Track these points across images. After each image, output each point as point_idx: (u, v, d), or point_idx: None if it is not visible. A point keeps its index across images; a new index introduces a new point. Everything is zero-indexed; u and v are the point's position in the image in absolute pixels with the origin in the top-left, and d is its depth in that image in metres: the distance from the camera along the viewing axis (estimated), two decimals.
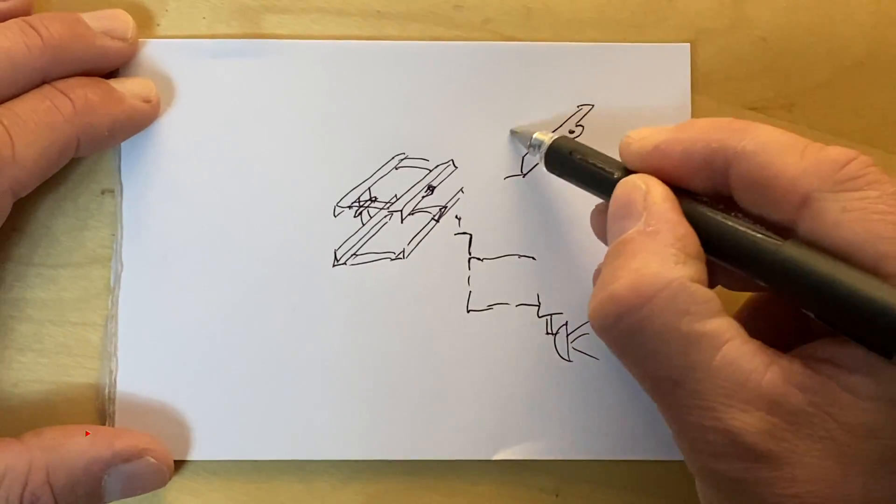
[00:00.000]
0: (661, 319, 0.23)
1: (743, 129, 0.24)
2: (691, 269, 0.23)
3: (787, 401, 0.22)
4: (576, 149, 0.28)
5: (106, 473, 0.28)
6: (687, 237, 0.24)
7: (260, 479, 0.31)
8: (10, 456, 0.27)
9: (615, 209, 0.25)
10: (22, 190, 0.28)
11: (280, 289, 0.31)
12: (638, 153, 0.26)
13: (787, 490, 0.22)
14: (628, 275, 0.23)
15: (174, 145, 0.31)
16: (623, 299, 0.23)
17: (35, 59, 0.28)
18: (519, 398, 0.31)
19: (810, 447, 0.22)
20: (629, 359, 0.24)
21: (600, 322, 0.24)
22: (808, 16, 0.32)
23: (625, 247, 0.24)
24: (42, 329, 0.31)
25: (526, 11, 0.32)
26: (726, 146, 0.24)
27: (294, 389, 0.31)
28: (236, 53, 0.31)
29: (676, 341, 0.23)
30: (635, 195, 0.25)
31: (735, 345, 0.22)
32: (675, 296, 0.23)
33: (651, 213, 0.24)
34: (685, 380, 0.23)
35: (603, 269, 0.25)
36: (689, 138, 0.25)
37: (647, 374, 0.24)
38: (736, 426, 0.22)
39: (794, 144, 0.23)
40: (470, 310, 0.31)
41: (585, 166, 0.27)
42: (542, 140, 0.29)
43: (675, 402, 0.23)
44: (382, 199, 0.31)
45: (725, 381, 0.22)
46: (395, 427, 0.31)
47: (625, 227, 0.25)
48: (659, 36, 0.32)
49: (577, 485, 0.31)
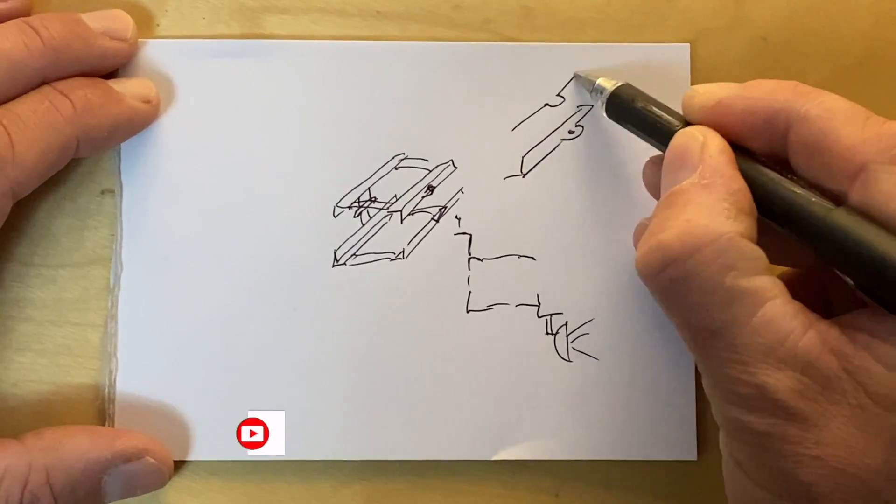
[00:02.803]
0: (707, 272, 0.23)
1: (808, 93, 0.24)
2: (742, 224, 0.23)
3: (822, 364, 0.22)
4: (638, 96, 0.28)
5: (106, 474, 0.28)
6: (740, 192, 0.24)
7: (259, 479, 0.31)
8: (10, 456, 0.27)
9: (671, 159, 0.25)
10: (22, 190, 0.28)
11: (280, 289, 0.31)
12: (700, 106, 0.26)
13: (809, 450, 0.22)
14: (678, 224, 0.23)
15: (174, 146, 0.31)
16: (671, 248, 0.23)
17: (35, 60, 0.28)
18: (519, 398, 0.31)
19: (838, 412, 0.22)
20: (671, 307, 0.24)
21: (646, 269, 0.24)
22: (808, 16, 0.32)
23: (677, 197, 0.24)
24: (42, 329, 0.31)
25: (526, 12, 0.32)
26: (789, 108, 0.24)
27: (292, 389, 0.31)
28: (236, 53, 0.31)
29: (720, 294, 0.23)
30: (692, 146, 0.25)
31: (777, 304, 0.23)
32: (723, 250, 0.23)
33: (707, 165, 0.24)
34: (724, 333, 0.23)
35: (653, 218, 0.25)
36: (754, 96, 0.25)
37: (688, 324, 0.24)
38: (769, 382, 0.22)
39: (857, 114, 0.24)
40: (470, 310, 0.31)
41: (647, 115, 0.28)
42: (604, 86, 0.30)
43: (713, 353, 0.23)
44: (382, 200, 0.31)
45: (764, 338, 0.22)
46: (395, 427, 0.31)
47: (679, 178, 0.25)
48: (659, 36, 0.32)
49: (576, 485, 0.31)
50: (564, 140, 0.32)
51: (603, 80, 0.30)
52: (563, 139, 0.32)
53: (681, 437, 0.31)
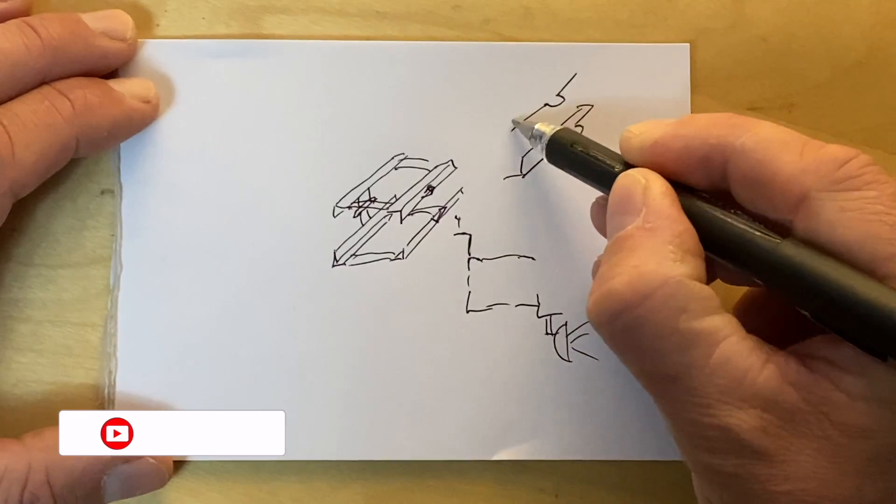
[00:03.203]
0: (658, 317, 0.23)
1: (742, 125, 0.24)
2: (689, 266, 0.23)
3: (783, 399, 0.22)
4: (577, 140, 0.28)
5: (105, 474, 0.28)
6: (685, 234, 0.24)
7: (259, 479, 0.31)
8: (10, 456, 0.27)
9: (615, 203, 0.25)
10: (21, 190, 0.28)
11: (279, 289, 0.31)
12: (638, 147, 0.26)
13: (780, 487, 0.22)
14: (626, 271, 0.23)
15: (174, 146, 0.31)
16: (621, 296, 0.23)
17: (34, 60, 0.28)
18: (518, 398, 0.31)
19: (805, 445, 0.22)
20: (627, 355, 0.24)
21: (598, 318, 0.24)
22: (808, 16, 0.32)
23: (623, 243, 0.24)
24: (41, 329, 0.31)
25: (525, 11, 0.32)
26: (725, 142, 0.24)
27: (292, 389, 0.31)
28: (236, 54, 0.31)
29: (674, 339, 0.23)
30: (635, 189, 0.25)
31: (732, 342, 0.22)
32: (672, 293, 0.23)
33: (650, 208, 0.24)
34: (682, 377, 0.23)
35: (601, 265, 0.25)
36: (689, 134, 0.25)
37: (645, 371, 0.24)
38: (732, 423, 0.22)
39: (793, 142, 0.23)
40: (469, 310, 0.31)
41: (586, 159, 0.27)
42: (543, 131, 0.29)
43: (672, 398, 0.23)
44: (382, 200, 0.31)
45: (722, 378, 0.22)
46: (395, 427, 0.31)
47: (624, 223, 0.25)
48: (659, 36, 0.32)
49: (576, 485, 0.31)
50: None
51: (541, 125, 0.30)
52: None
53: None
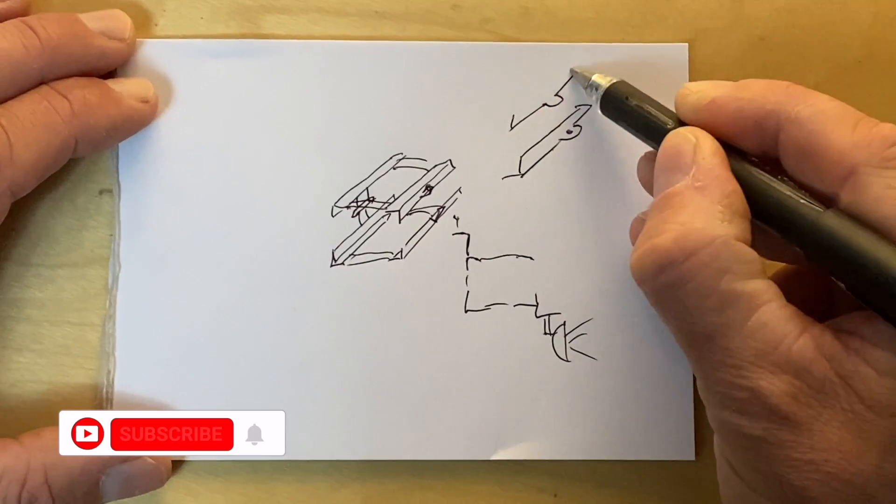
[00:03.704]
0: (702, 275, 0.23)
1: (799, 94, 0.24)
2: (736, 227, 0.23)
3: (815, 368, 0.22)
4: (632, 94, 0.28)
5: (104, 474, 0.28)
6: (734, 195, 0.24)
7: (258, 479, 0.31)
8: (9, 456, 0.27)
9: (664, 160, 0.25)
10: (20, 190, 0.28)
11: (278, 289, 0.31)
12: (693, 105, 0.26)
13: (803, 455, 0.22)
14: (673, 228, 0.23)
15: (172, 145, 0.31)
16: (666, 252, 0.23)
17: (33, 60, 0.28)
18: (517, 398, 0.31)
19: (831, 417, 0.22)
20: (666, 311, 0.24)
21: (641, 273, 0.24)
22: (807, 15, 0.32)
23: (672, 199, 0.24)
24: (40, 329, 0.31)
25: (524, 11, 0.32)
26: (780, 109, 0.24)
27: (292, 389, 0.31)
28: (235, 53, 0.31)
29: (715, 298, 0.23)
30: (685, 147, 0.25)
31: (771, 308, 0.23)
32: (718, 253, 0.23)
33: (700, 167, 0.24)
34: (718, 336, 0.23)
35: (648, 220, 0.25)
36: (746, 97, 0.25)
37: (683, 328, 0.24)
38: (763, 386, 0.22)
39: (848, 116, 0.24)
40: (468, 310, 0.31)
41: (640, 112, 0.28)
42: (599, 83, 0.29)
43: (707, 356, 0.23)
44: (380, 199, 0.31)
45: (758, 342, 0.22)
46: (394, 427, 0.31)
47: (672, 180, 0.25)
48: (657, 36, 0.32)
49: (575, 485, 0.31)
50: (563, 140, 0.32)
51: (598, 77, 0.30)
52: (562, 139, 0.32)
53: (678, 437, 0.31)
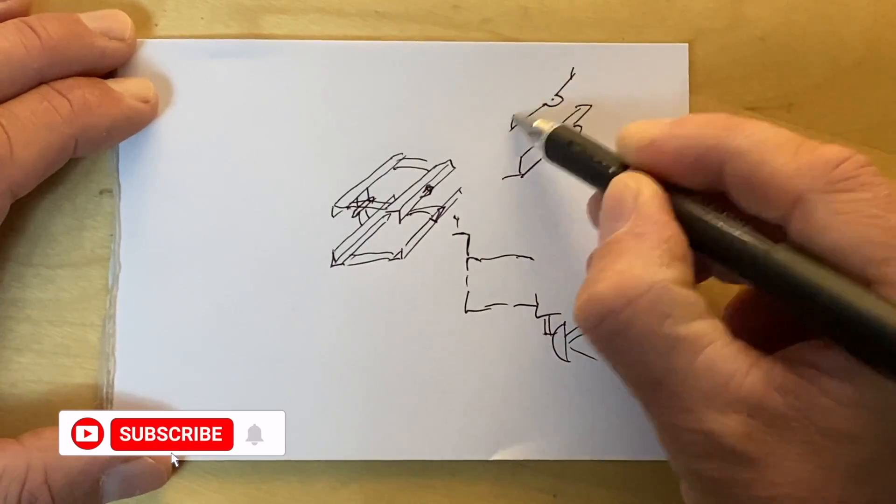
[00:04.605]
0: (642, 322, 0.23)
1: (737, 126, 0.24)
2: (676, 271, 0.23)
3: (768, 404, 0.22)
4: (574, 140, 0.28)
5: (104, 474, 0.28)
6: (673, 239, 0.24)
7: (258, 479, 0.31)
8: (9, 456, 0.27)
9: (606, 209, 0.25)
10: (20, 190, 0.28)
11: (278, 289, 0.31)
12: (634, 148, 0.26)
13: (765, 492, 0.22)
14: (612, 276, 0.23)
15: (172, 145, 0.31)
16: (606, 301, 0.23)
17: (33, 60, 0.28)
18: (517, 398, 0.31)
19: (789, 450, 0.22)
20: (612, 359, 0.24)
21: (584, 322, 0.24)
22: (807, 16, 0.32)
23: (612, 247, 0.24)
24: (40, 329, 0.31)
25: (524, 11, 0.32)
26: (720, 143, 0.24)
27: (292, 389, 0.31)
28: (234, 53, 0.31)
29: (658, 344, 0.23)
30: (626, 195, 0.25)
31: (716, 347, 0.22)
32: (657, 299, 0.23)
33: (639, 214, 0.24)
34: (666, 381, 0.23)
35: (590, 269, 0.25)
36: (685, 134, 0.25)
37: (630, 375, 0.24)
38: (716, 428, 0.22)
39: (788, 143, 0.23)
40: (468, 310, 0.31)
41: (583, 158, 0.27)
42: (542, 128, 0.29)
43: (657, 403, 0.23)
44: (380, 200, 0.31)
45: (706, 383, 0.22)
46: (394, 427, 0.31)
47: (614, 227, 0.25)
48: (657, 36, 0.32)
49: (575, 485, 0.31)
50: None
51: (540, 122, 0.29)
52: None
53: None
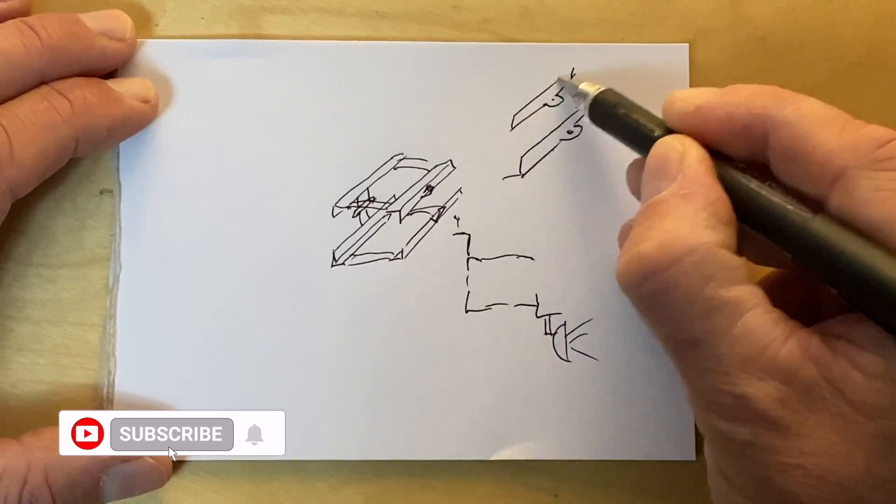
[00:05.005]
0: (686, 282, 0.23)
1: (786, 97, 0.24)
2: (721, 234, 0.23)
3: (802, 373, 0.22)
4: (620, 102, 0.28)
5: (104, 473, 0.28)
6: (719, 202, 0.24)
7: (258, 479, 0.31)
8: (9, 456, 0.27)
9: (650, 168, 0.25)
10: (20, 190, 0.28)
11: (278, 289, 0.31)
12: (679, 113, 0.26)
13: (792, 459, 0.22)
14: (658, 235, 0.23)
15: (173, 145, 0.31)
16: (650, 259, 0.23)
17: (33, 60, 0.28)
18: (517, 398, 0.31)
19: (820, 421, 0.22)
20: (652, 318, 0.24)
21: (626, 280, 0.24)
22: (808, 16, 0.32)
23: (657, 207, 0.24)
24: (40, 329, 0.31)
25: (524, 12, 0.32)
26: (767, 114, 0.24)
27: (292, 390, 0.31)
28: (235, 54, 0.31)
29: (700, 305, 0.23)
30: (671, 156, 0.25)
31: (757, 313, 0.23)
32: (702, 260, 0.23)
33: (686, 175, 0.24)
34: (705, 343, 0.23)
35: (634, 228, 0.25)
36: (732, 102, 0.25)
37: (669, 335, 0.24)
38: (750, 392, 0.22)
39: (835, 119, 0.23)
40: (468, 310, 0.31)
41: (627, 121, 0.27)
42: (587, 91, 0.29)
43: (694, 363, 0.23)
44: (381, 200, 0.31)
45: (744, 348, 0.22)
46: (394, 427, 0.31)
47: (659, 188, 0.25)
48: (658, 36, 0.32)
49: (575, 485, 0.31)
50: (563, 140, 0.32)
51: (586, 85, 0.30)
52: (562, 139, 0.32)
53: (679, 438, 0.31)
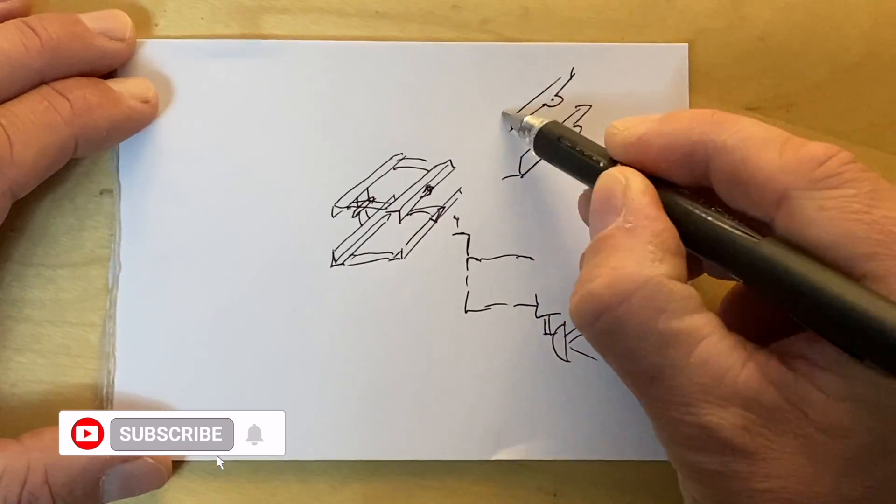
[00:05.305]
0: (637, 317, 0.23)
1: (724, 122, 0.24)
2: (668, 265, 0.23)
3: (763, 397, 0.22)
4: (564, 135, 0.28)
5: (104, 474, 0.28)
6: (665, 233, 0.24)
7: (258, 479, 0.31)
8: (9, 456, 0.27)
9: (596, 202, 0.25)
10: (20, 190, 0.28)
11: (278, 289, 0.31)
12: (622, 143, 0.26)
13: (761, 484, 0.22)
14: (606, 273, 0.23)
15: (172, 146, 0.31)
16: (600, 298, 0.23)
17: (33, 60, 0.28)
18: (517, 398, 0.31)
19: (785, 444, 0.22)
20: (609, 356, 0.24)
21: (579, 320, 0.24)
22: (807, 16, 0.32)
23: (604, 243, 0.24)
24: (40, 329, 0.31)
25: (524, 11, 0.32)
26: (707, 139, 0.24)
27: (292, 389, 0.31)
28: (235, 54, 0.31)
29: (653, 339, 0.23)
30: (615, 189, 0.25)
31: (712, 341, 0.22)
32: (651, 294, 0.23)
33: (630, 208, 0.24)
34: (663, 376, 0.23)
35: (583, 266, 0.25)
36: (672, 130, 0.25)
37: (627, 371, 0.24)
38: (713, 422, 0.22)
39: (774, 140, 0.23)
40: (468, 310, 0.31)
41: (572, 153, 0.27)
42: (532, 124, 0.29)
43: (654, 397, 0.23)
44: (380, 200, 0.31)
45: (702, 377, 0.22)
46: (394, 427, 0.31)
47: (606, 222, 0.25)
48: (657, 36, 0.32)
49: (575, 485, 0.32)
50: None
51: (530, 118, 0.30)
52: None
53: None
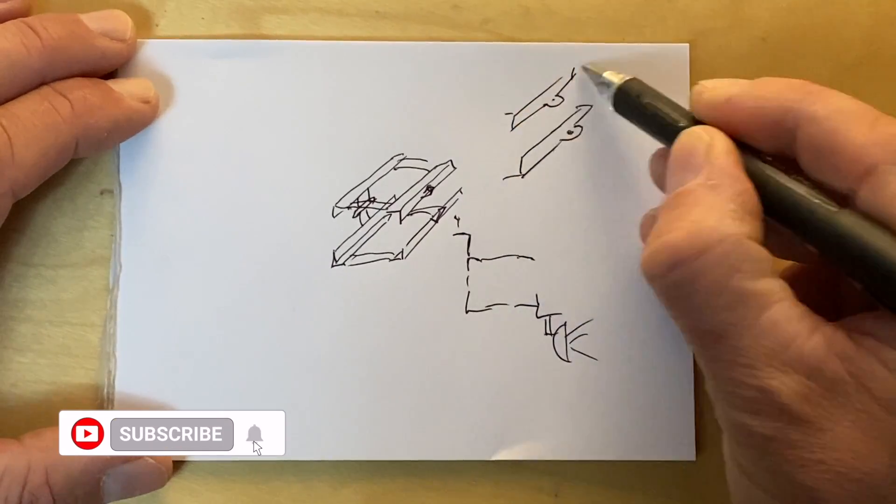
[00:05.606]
0: (713, 273, 0.23)
1: (817, 92, 0.24)
2: (748, 226, 0.23)
3: (827, 368, 0.22)
4: (644, 92, 0.28)
5: (105, 474, 0.28)
6: (746, 193, 0.24)
7: (258, 479, 0.31)
8: (9, 457, 0.27)
9: (676, 159, 0.25)
10: (21, 191, 0.28)
11: (279, 289, 0.31)
12: (708, 103, 0.26)
13: (813, 455, 0.22)
14: (685, 226, 0.23)
15: (173, 146, 0.31)
16: (677, 249, 0.23)
17: (34, 60, 0.28)
18: (518, 399, 0.31)
19: (843, 416, 0.22)
20: (676, 309, 0.24)
21: (652, 270, 0.24)
22: (808, 16, 0.32)
23: (684, 198, 0.24)
24: (41, 329, 0.31)
25: (525, 11, 0.32)
26: (798, 108, 0.24)
27: (292, 389, 0.31)
28: (235, 54, 0.31)
29: (726, 296, 0.23)
30: (698, 146, 0.25)
31: (783, 307, 0.22)
32: (729, 252, 0.23)
33: (713, 166, 0.24)
34: (729, 335, 0.23)
35: (659, 218, 0.25)
36: (763, 95, 0.25)
37: (693, 326, 0.24)
38: (774, 385, 0.22)
39: (866, 114, 0.23)
40: (469, 310, 0.31)
41: (653, 111, 0.27)
42: (612, 80, 0.29)
43: (717, 356, 0.23)
44: (381, 200, 0.31)
45: (769, 341, 0.22)
46: (394, 427, 0.31)
47: (685, 178, 0.25)
48: (658, 36, 0.32)
49: (575, 485, 0.31)
50: (563, 140, 0.32)
51: (610, 74, 0.29)
52: (563, 139, 0.32)
53: (679, 438, 0.31)
